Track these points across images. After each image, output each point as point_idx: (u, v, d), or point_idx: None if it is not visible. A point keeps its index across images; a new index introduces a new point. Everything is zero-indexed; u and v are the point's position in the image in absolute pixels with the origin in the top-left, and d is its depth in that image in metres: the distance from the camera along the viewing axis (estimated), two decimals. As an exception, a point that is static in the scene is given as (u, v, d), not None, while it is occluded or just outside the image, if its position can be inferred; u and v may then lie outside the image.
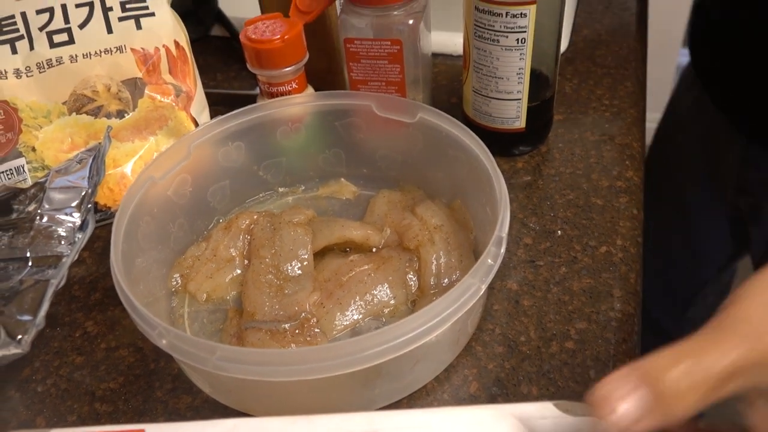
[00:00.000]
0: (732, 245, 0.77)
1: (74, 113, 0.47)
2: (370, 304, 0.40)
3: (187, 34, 0.50)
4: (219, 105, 0.55)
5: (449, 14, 0.57)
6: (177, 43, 0.49)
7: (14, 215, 0.35)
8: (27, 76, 0.47)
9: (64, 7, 0.47)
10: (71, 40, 0.47)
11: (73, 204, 0.35)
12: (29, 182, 0.45)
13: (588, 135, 0.53)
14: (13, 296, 0.32)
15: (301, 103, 0.47)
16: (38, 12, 0.47)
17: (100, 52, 0.47)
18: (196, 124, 0.50)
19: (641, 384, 0.23)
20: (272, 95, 0.48)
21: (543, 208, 0.47)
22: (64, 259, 0.34)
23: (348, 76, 0.49)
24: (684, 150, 0.73)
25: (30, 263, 0.33)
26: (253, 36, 0.46)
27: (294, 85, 0.48)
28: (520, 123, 0.49)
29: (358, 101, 0.46)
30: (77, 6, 0.48)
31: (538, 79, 0.48)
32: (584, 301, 0.40)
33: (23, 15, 0.47)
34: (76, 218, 0.35)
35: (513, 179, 0.50)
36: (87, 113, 0.47)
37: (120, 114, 0.47)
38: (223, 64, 0.66)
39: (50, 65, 0.47)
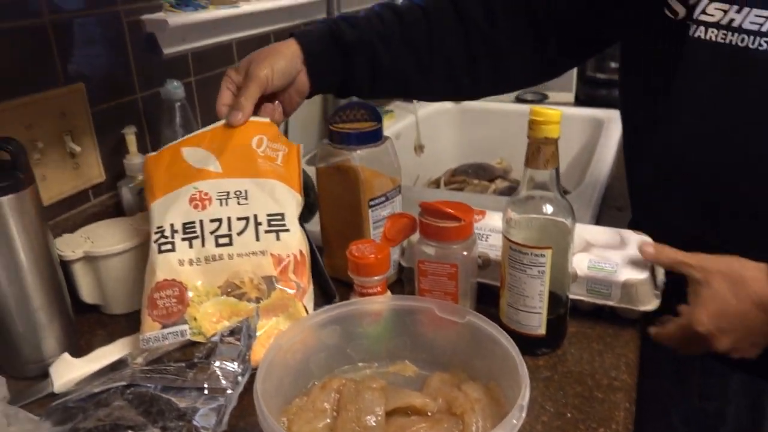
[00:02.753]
0: None
1: (224, 295, 0.67)
2: (425, 452, 0.55)
3: (308, 244, 0.71)
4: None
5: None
6: (301, 252, 0.70)
7: (195, 359, 0.53)
8: (197, 265, 0.67)
9: (229, 219, 0.69)
10: (230, 243, 0.68)
11: (235, 356, 0.53)
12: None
13: (594, 344, 0.70)
14: (196, 411, 0.49)
15: (382, 302, 0.66)
16: (211, 221, 0.69)
17: (249, 253, 0.68)
18: (307, 312, 0.69)
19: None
20: (363, 295, 0.67)
21: (557, 396, 0.63)
22: (229, 391, 0.51)
23: (417, 287, 0.69)
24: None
25: (206, 392, 0.50)
26: (356, 253, 0.66)
27: (378, 289, 0.67)
28: (542, 330, 0.67)
29: (424, 304, 0.65)
30: (238, 219, 0.69)
31: (555, 299, 0.67)
32: (584, 466, 0.54)
33: (201, 222, 0.69)
34: (236, 366, 0.53)
35: (535, 373, 0.66)
36: (234, 296, 0.67)
37: (257, 300, 0.67)
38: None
39: (214, 259, 0.68)
